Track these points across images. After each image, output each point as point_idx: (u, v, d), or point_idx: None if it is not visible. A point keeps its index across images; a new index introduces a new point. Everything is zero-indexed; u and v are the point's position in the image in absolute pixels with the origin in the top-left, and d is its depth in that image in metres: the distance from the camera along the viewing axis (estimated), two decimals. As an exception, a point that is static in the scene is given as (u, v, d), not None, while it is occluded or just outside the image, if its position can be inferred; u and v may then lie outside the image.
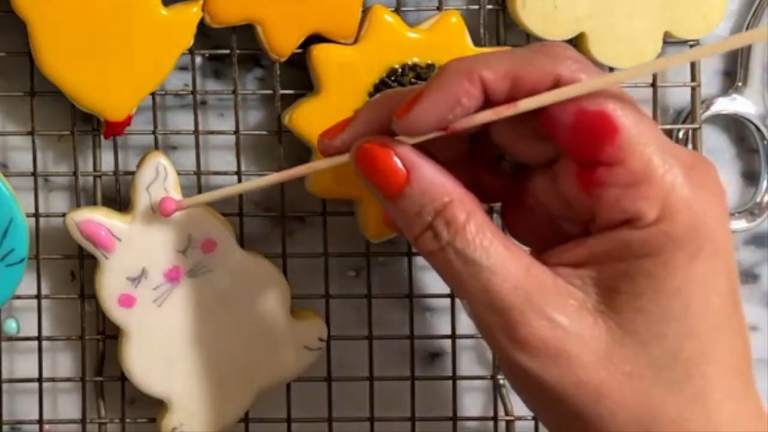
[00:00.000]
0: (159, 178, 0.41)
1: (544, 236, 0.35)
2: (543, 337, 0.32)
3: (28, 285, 0.43)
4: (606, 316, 0.32)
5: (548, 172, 0.35)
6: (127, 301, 0.41)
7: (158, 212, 0.40)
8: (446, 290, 0.44)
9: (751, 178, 0.45)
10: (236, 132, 0.43)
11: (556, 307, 0.32)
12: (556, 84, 0.32)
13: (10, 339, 0.44)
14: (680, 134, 0.43)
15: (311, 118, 0.41)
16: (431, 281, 0.44)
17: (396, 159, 0.34)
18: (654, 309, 0.32)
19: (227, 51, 0.42)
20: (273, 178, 0.39)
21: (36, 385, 0.43)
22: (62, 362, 0.44)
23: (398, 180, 0.33)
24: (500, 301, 0.32)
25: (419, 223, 0.33)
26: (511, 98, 0.33)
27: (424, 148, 0.34)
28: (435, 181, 0.33)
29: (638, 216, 0.32)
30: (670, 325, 0.32)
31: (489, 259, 0.32)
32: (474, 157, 0.37)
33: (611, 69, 0.42)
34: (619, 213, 0.32)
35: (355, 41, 0.41)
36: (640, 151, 0.32)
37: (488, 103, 0.33)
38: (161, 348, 0.41)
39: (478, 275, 0.32)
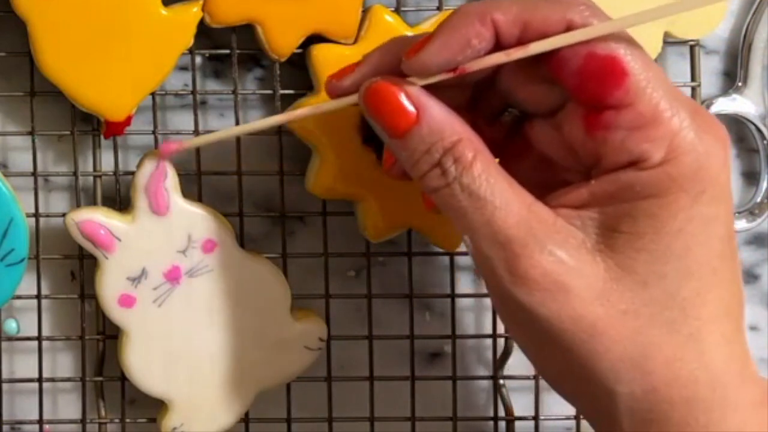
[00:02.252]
0: (159, 177, 0.41)
1: (542, 190, 0.35)
2: (543, 270, 0.33)
3: (28, 285, 0.43)
4: (605, 255, 0.33)
5: (551, 121, 0.35)
6: (127, 301, 0.41)
7: (159, 154, 0.40)
8: (446, 290, 0.44)
9: (751, 178, 0.45)
10: (236, 132, 0.43)
11: (557, 243, 0.33)
12: (568, 29, 0.33)
13: (10, 339, 0.44)
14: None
15: (311, 118, 0.41)
16: (431, 281, 0.44)
17: (405, 98, 0.34)
18: (655, 249, 0.33)
19: (227, 51, 0.42)
20: (276, 119, 0.39)
21: (36, 385, 0.43)
22: (62, 362, 0.44)
23: (408, 118, 0.34)
24: (503, 235, 0.33)
25: (427, 160, 0.34)
26: (522, 42, 0.33)
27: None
28: (444, 120, 0.34)
29: (644, 157, 0.32)
30: (671, 265, 0.33)
31: (494, 195, 0.33)
32: (476, 108, 0.37)
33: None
34: (624, 155, 0.33)
35: (355, 41, 0.41)
36: (649, 95, 0.32)
37: (498, 46, 0.34)
38: (161, 348, 0.41)
39: (483, 209, 0.33)
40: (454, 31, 0.33)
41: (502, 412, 0.44)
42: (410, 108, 0.34)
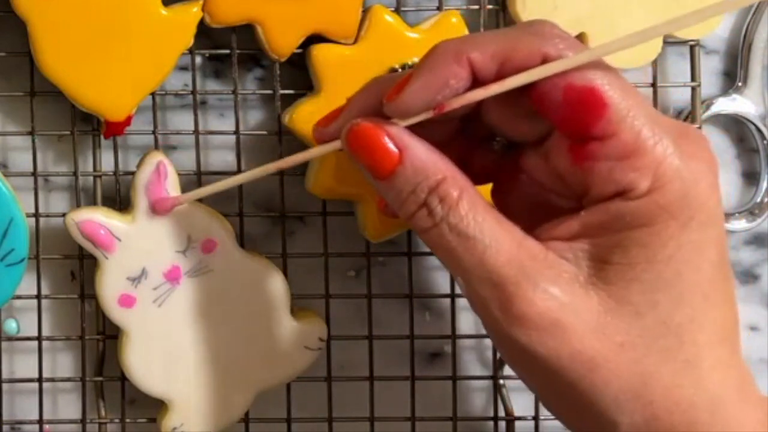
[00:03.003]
0: (159, 178, 0.41)
1: (534, 215, 0.35)
2: (538, 309, 0.32)
3: (28, 285, 0.43)
4: (598, 287, 0.33)
5: (539, 149, 0.35)
6: (127, 301, 0.41)
7: (155, 212, 0.40)
8: (446, 290, 0.44)
9: (751, 178, 0.45)
10: (236, 132, 0.43)
11: (549, 279, 0.33)
12: (544, 62, 0.33)
13: (10, 339, 0.44)
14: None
15: (311, 118, 0.41)
16: (431, 281, 0.44)
17: (387, 139, 0.34)
18: (646, 278, 0.32)
19: (227, 51, 0.42)
20: (269, 167, 0.39)
21: (36, 385, 0.43)
22: (62, 362, 0.44)
23: (391, 160, 0.34)
24: (495, 274, 0.33)
25: (413, 200, 0.34)
26: (500, 77, 0.33)
27: (414, 131, 0.35)
28: (427, 160, 0.34)
29: (630, 187, 0.32)
30: (662, 293, 0.32)
31: (483, 233, 0.33)
32: (465, 138, 0.37)
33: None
34: (611, 185, 0.33)
35: (355, 41, 0.41)
36: (630, 124, 0.32)
37: (477, 83, 0.33)
38: (161, 348, 0.41)
39: (472, 249, 0.33)
40: (431, 72, 0.33)
41: (502, 412, 0.44)
42: (393, 149, 0.34)
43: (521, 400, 0.44)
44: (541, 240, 0.34)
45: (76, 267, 0.43)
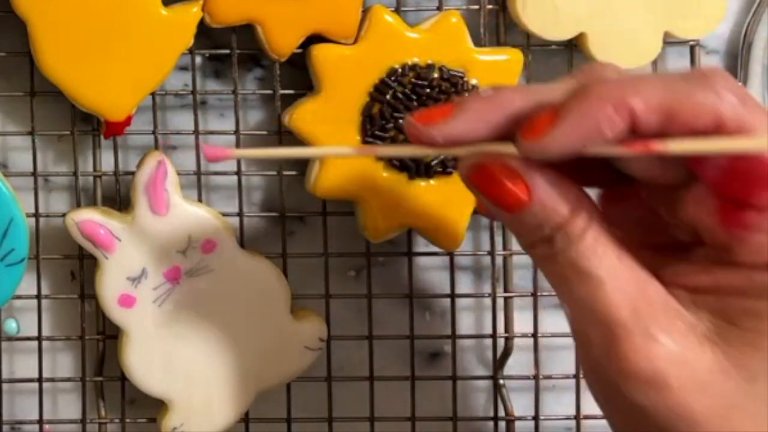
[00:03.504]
0: (159, 178, 0.41)
1: (641, 231, 0.33)
2: (644, 357, 0.31)
3: (28, 285, 0.43)
4: (715, 344, 0.31)
5: (671, 191, 0.32)
6: (127, 301, 0.41)
7: (207, 159, 0.33)
8: (446, 290, 0.44)
9: (751, 178, 0.45)
10: (236, 132, 0.43)
11: (663, 328, 0.31)
12: (717, 124, 0.29)
13: (10, 339, 0.44)
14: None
15: (311, 118, 0.41)
16: (431, 281, 0.44)
17: (518, 179, 0.31)
18: None
19: (227, 51, 0.42)
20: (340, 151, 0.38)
21: (36, 385, 0.43)
22: (62, 362, 0.44)
23: (518, 199, 0.31)
24: (605, 314, 0.31)
25: (537, 234, 0.32)
26: (661, 133, 0.30)
27: None
28: (556, 197, 0.31)
29: None
30: None
31: (600, 269, 0.31)
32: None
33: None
34: (762, 258, 0.30)
35: (355, 41, 0.41)
36: None
37: (633, 133, 0.30)
38: (161, 348, 0.41)
39: (587, 283, 0.31)
40: (583, 117, 0.30)
41: (502, 412, 0.44)
42: (521, 188, 0.31)
43: (521, 400, 0.44)
44: (666, 283, 0.31)
45: (76, 267, 0.43)
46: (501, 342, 0.44)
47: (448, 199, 0.42)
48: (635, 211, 0.34)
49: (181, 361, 0.42)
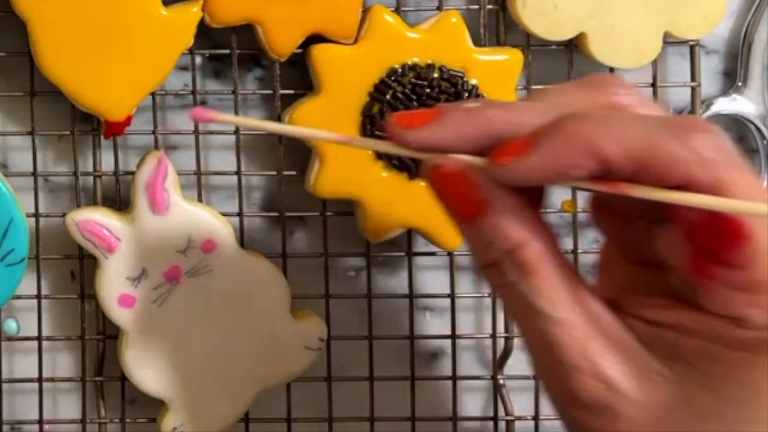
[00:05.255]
0: (159, 178, 0.41)
1: (635, 245, 0.33)
2: (593, 394, 0.30)
3: (28, 285, 0.43)
4: (667, 381, 0.31)
5: (647, 226, 0.32)
6: (127, 301, 0.41)
7: (194, 118, 0.34)
8: (446, 290, 0.44)
9: (751, 178, 0.45)
10: (236, 132, 0.43)
11: (614, 363, 0.30)
12: (687, 182, 0.29)
13: (10, 339, 0.44)
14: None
15: (311, 118, 0.41)
16: (431, 281, 0.44)
17: (474, 190, 0.31)
18: (722, 392, 0.30)
19: (227, 51, 0.42)
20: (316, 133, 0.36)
21: (36, 385, 0.43)
22: (62, 362, 0.44)
23: (472, 211, 0.31)
24: (557, 352, 0.30)
25: (486, 255, 0.31)
26: (631, 179, 0.29)
27: None
28: (510, 220, 0.31)
29: (745, 320, 0.30)
30: (734, 409, 0.30)
31: (553, 310, 0.30)
32: None
33: (611, 69, 0.42)
34: (723, 310, 0.30)
35: (355, 41, 0.41)
36: (765, 263, 0.29)
37: (604, 175, 0.30)
38: (161, 348, 0.41)
39: (536, 320, 0.31)
40: (552, 154, 0.29)
41: (502, 412, 0.44)
42: (475, 200, 0.31)
43: (521, 400, 0.44)
44: (627, 312, 0.31)
45: (76, 267, 0.43)
46: (501, 342, 0.44)
47: (448, 199, 0.42)
48: (624, 224, 0.33)
49: (181, 361, 0.42)
